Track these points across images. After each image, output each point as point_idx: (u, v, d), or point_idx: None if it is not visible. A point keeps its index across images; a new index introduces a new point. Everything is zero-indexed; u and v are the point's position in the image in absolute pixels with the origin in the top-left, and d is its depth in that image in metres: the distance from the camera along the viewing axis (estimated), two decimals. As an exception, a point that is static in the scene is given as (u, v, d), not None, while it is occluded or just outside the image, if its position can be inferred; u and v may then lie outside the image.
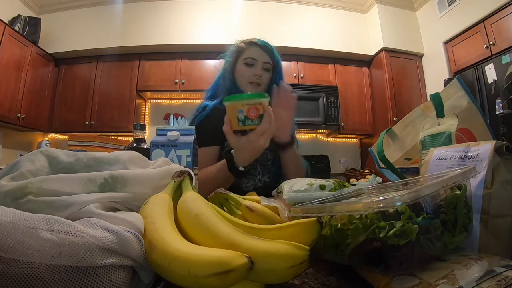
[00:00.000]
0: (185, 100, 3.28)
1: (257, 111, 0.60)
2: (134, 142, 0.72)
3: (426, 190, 0.27)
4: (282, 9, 3.16)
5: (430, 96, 0.65)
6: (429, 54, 3.08)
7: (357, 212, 0.29)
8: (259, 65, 0.99)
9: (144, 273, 0.29)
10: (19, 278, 0.21)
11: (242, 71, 1.00)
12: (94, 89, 3.04)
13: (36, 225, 0.22)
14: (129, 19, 3.09)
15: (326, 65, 3.17)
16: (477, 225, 0.34)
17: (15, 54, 2.63)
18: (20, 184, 0.29)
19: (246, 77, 0.98)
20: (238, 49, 1.02)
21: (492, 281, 0.23)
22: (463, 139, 0.52)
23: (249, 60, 0.99)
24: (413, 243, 0.26)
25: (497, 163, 0.35)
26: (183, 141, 0.61)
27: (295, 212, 0.39)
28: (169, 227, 0.31)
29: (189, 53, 3.06)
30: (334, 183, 0.54)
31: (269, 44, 1.02)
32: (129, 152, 0.42)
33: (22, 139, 3.02)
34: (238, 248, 0.27)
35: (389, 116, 2.92)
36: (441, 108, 0.62)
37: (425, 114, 0.70)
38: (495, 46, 2.28)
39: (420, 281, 0.26)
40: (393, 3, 3.18)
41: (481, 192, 0.35)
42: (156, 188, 0.38)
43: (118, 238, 0.25)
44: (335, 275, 0.36)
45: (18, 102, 2.66)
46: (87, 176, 0.33)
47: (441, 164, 0.43)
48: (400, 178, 0.64)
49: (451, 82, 0.65)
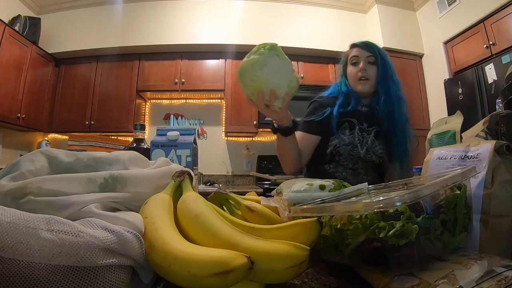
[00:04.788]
0: (185, 100, 3.28)
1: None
2: (134, 142, 0.72)
3: (426, 190, 0.27)
4: (282, 9, 3.16)
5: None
6: (429, 54, 3.07)
7: (357, 212, 0.29)
8: (362, 61, 1.04)
9: (144, 273, 0.29)
10: (19, 278, 0.21)
11: (350, 72, 1.08)
12: (94, 89, 3.04)
13: (36, 225, 0.22)
14: (129, 19, 3.09)
15: (326, 65, 3.17)
16: (477, 225, 0.34)
17: (15, 54, 2.63)
18: (20, 184, 0.29)
19: (354, 75, 1.05)
20: (345, 54, 1.12)
21: (492, 281, 0.23)
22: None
23: (353, 59, 1.07)
24: (413, 243, 0.26)
25: (497, 163, 0.35)
26: (183, 141, 0.61)
27: (295, 212, 0.39)
28: (169, 227, 0.31)
29: (189, 53, 3.06)
30: (334, 183, 0.54)
31: (368, 42, 1.09)
32: (129, 152, 0.41)
33: (22, 139, 3.02)
34: (238, 248, 0.27)
35: (389, 116, 2.92)
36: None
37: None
38: (495, 46, 2.27)
39: (420, 281, 0.26)
40: (393, 3, 3.18)
41: (481, 192, 0.35)
42: (156, 188, 0.38)
43: (118, 238, 0.25)
44: (335, 275, 0.36)
45: (18, 102, 2.66)
46: (87, 176, 0.33)
47: (441, 164, 0.43)
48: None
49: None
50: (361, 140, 1.03)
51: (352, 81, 1.07)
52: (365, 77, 1.04)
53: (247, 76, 0.67)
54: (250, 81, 0.67)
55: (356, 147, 1.02)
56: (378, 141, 1.05)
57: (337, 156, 1.03)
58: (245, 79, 0.67)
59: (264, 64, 0.65)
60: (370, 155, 1.02)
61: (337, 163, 1.05)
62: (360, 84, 1.05)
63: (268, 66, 0.65)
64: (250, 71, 0.66)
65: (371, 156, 1.03)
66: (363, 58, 1.05)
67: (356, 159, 1.03)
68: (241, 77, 0.68)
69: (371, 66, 1.04)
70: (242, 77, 0.68)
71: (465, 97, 2.46)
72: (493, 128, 0.50)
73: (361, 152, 1.02)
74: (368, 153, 1.02)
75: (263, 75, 0.65)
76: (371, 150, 1.03)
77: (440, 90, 2.76)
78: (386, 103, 1.03)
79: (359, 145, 1.02)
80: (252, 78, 0.66)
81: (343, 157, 1.03)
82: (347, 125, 1.03)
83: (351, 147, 1.02)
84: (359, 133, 1.04)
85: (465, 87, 2.47)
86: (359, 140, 1.03)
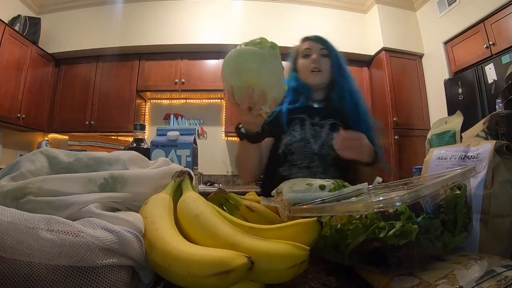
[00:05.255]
0: (185, 100, 3.28)
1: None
2: (134, 142, 0.72)
3: (426, 190, 0.27)
4: (282, 9, 3.16)
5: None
6: (429, 54, 3.07)
7: (357, 212, 0.29)
8: (315, 53, 1.01)
9: (144, 273, 0.29)
10: (19, 278, 0.21)
11: (302, 64, 1.03)
12: (94, 89, 3.04)
13: (36, 225, 0.22)
14: (129, 19, 3.09)
15: (326, 65, 3.17)
16: (477, 225, 0.34)
17: (15, 54, 2.63)
18: (20, 184, 0.29)
19: (306, 67, 1.02)
20: (295, 48, 1.09)
21: (492, 281, 0.23)
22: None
23: (305, 51, 1.03)
24: (413, 243, 0.26)
25: (497, 163, 0.35)
26: (183, 141, 0.61)
27: (295, 212, 0.39)
28: (169, 227, 0.31)
29: (189, 53, 3.06)
30: (334, 183, 0.54)
31: (320, 36, 1.06)
32: (129, 152, 0.42)
33: (22, 139, 3.02)
34: (238, 248, 0.27)
35: (389, 116, 2.92)
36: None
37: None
38: (495, 46, 2.27)
39: (420, 281, 0.26)
40: (393, 3, 3.18)
41: (481, 192, 0.35)
42: (156, 188, 0.38)
43: (118, 238, 0.25)
44: (335, 275, 0.36)
45: (18, 102, 2.66)
46: (87, 176, 0.33)
47: (441, 164, 0.43)
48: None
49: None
50: (314, 134, 0.97)
51: (304, 73, 1.02)
52: (318, 69, 1.00)
53: (241, 64, 0.57)
54: (243, 72, 0.57)
55: (309, 143, 0.95)
56: (334, 133, 0.95)
57: (289, 156, 0.96)
58: (237, 68, 0.58)
59: (264, 59, 0.57)
60: (326, 149, 0.94)
61: (291, 164, 0.96)
62: (312, 75, 1.00)
63: (267, 63, 0.57)
64: (247, 61, 0.57)
65: (326, 150, 0.94)
66: (316, 50, 1.02)
67: (311, 156, 0.95)
68: (232, 63, 0.58)
69: (324, 58, 1.01)
70: (234, 63, 0.58)
71: (465, 97, 2.46)
72: (493, 128, 0.50)
73: (314, 147, 0.95)
74: (323, 147, 0.95)
75: (260, 70, 0.57)
76: (326, 144, 0.95)
77: (440, 90, 2.76)
78: (341, 95, 0.99)
79: (312, 140, 0.96)
80: (246, 69, 0.57)
81: (296, 155, 0.95)
82: (297, 122, 0.97)
83: (304, 143, 0.95)
84: (311, 128, 0.98)
85: (465, 87, 2.47)
86: (312, 135, 0.96)
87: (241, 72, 0.58)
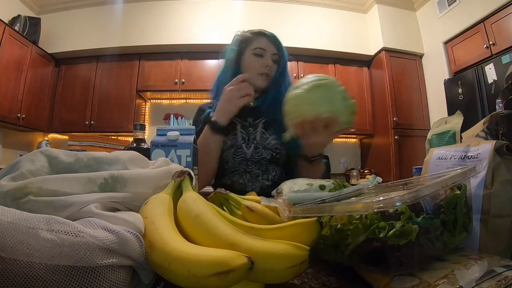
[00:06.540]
0: (185, 100, 3.28)
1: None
2: (134, 142, 0.72)
3: (426, 190, 0.27)
4: (282, 9, 3.16)
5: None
6: (429, 54, 3.08)
7: (357, 212, 0.29)
8: (268, 56, 0.95)
9: (144, 273, 0.29)
10: (19, 278, 0.21)
11: (251, 62, 0.95)
12: (94, 89, 3.04)
13: (36, 225, 0.22)
14: (129, 19, 3.09)
15: (326, 65, 3.17)
16: (477, 225, 0.34)
17: (15, 54, 2.63)
18: (20, 184, 0.29)
19: (256, 68, 0.94)
20: (246, 38, 0.98)
21: (492, 281, 0.23)
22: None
23: (258, 51, 0.95)
24: (413, 243, 0.26)
25: (497, 163, 0.35)
26: (183, 141, 0.61)
27: (295, 212, 0.39)
28: (169, 227, 0.31)
29: (189, 53, 3.06)
30: (334, 183, 0.54)
31: (276, 36, 0.99)
32: (129, 152, 0.41)
33: (22, 139, 3.02)
34: (238, 248, 0.27)
35: (389, 116, 2.92)
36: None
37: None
38: (495, 46, 2.28)
39: (420, 281, 0.26)
40: (393, 3, 3.18)
41: (481, 192, 0.35)
42: (156, 188, 0.38)
43: (118, 238, 0.25)
44: (335, 275, 0.36)
45: (18, 102, 2.66)
46: (87, 176, 0.33)
47: (441, 164, 0.43)
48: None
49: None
50: (247, 138, 0.93)
51: (251, 73, 0.93)
52: (268, 75, 0.95)
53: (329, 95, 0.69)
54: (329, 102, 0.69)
55: (241, 148, 0.92)
56: (269, 131, 0.94)
57: (225, 165, 0.92)
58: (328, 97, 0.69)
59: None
60: (260, 152, 0.91)
61: (230, 172, 0.93)
62: (261, 79, 0.94)
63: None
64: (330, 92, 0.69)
65: (261, 153, 0.91)
66: (269, 53, 0.95)
67: (246, 162, 0.91)
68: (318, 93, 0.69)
69: (274, 64, 0.96)
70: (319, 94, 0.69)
71: (465, 97, 2.46)
72: (493, 128, 0.50)
73: (247, 152, 0.91)
74: (258, 150, 0.91)
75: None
76: (261, 146, 0.92)
77: (440, 90, 2.76)
78: (274, 98, 0.92)
79: (244, 145, 0.92)
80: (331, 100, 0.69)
81: (230, 163, 0.92)
82: (230, 126, 0.90)
83: (234, 150, 0.91)
84: (242, 131, 0.94)
85: (465, 87, 2.48)
86: (243, 139, 0.93)
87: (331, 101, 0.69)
